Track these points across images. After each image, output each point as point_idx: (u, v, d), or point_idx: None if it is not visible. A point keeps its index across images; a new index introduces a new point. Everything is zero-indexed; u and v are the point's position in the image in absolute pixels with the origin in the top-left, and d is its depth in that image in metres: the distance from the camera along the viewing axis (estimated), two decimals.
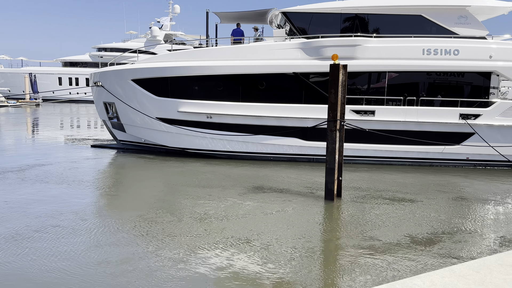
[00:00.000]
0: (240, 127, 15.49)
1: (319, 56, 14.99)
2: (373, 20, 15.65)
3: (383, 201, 10.42)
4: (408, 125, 14.75)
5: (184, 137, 16.09)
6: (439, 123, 14.64)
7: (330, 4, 15.84)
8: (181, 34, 57.13)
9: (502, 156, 13.94)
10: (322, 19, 15.78)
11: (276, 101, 15.27)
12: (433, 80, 15.25)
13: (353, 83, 15.28)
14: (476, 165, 15.00)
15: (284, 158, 15.66)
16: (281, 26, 17.13)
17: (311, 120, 14.61)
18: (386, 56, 14.92)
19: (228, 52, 15.79)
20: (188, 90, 15.74)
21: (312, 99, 15.07)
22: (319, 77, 15.12)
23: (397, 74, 15.16)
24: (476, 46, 14.78)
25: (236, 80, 15.47)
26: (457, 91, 15.22)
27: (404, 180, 12.91)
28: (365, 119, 14.76)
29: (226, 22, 18.79)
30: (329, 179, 10.33)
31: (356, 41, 14.90)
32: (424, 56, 14.84)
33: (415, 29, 15.25)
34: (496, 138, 14.45)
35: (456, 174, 13.87)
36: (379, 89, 15.32)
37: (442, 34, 15.13)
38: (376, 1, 15.80)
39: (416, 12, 15.32)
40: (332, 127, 10.14)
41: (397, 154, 15.14)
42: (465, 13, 15.20)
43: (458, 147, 14.77)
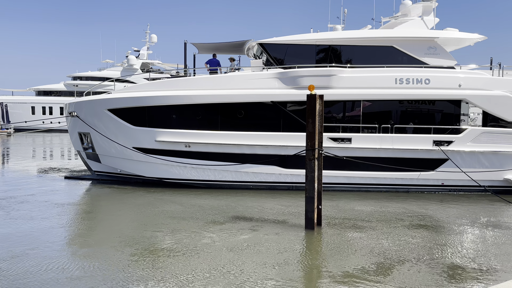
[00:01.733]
0: (219, 156, 15.42)
1: (296, 85, 15.28)
2: (346, 51, 16.16)
3: (363, 229, 10.44)
4: (384, 152, 15.04)
5: (161, 167, 15.86)
6: (413, 149, 14.99)
7: (305, 36, 16.31)
8: (158, 63, 57.35)
9: (474, 181, 14.32)
10: (297, 50, 16.18)
11: (255, 129, 15.35)
12: (406, 108, 15.71)
13: (330, 112, 15.56)
14: (451, 190, 15.33)
15: (263, 186, 15.60)
16: (258, 56, 17.46)
17: (290, 148, 14.71)
18: (360, 86, 15.34)
19: (206, 81, 15.90)
20: (166, 119, 15.66)
21: (290, 127, 15.22)
22: (296, 105, 15.34)
23: (371, 102, 15.56)
24: (445, 75, 15.41)
25: (215, 109, 15.52)
26: (430, 118, 15.71)
27: (382, 207, 13.01)
28: (342, 147, 14.97)
29: (204, 52, 19.00)
30: (309, 208, 10.31)
31: (331, 71, 15.29)
32: (397, 85, 15.34)
33: (387, 59, 15.82)
34: (469, 163, 14.88)
35: (432, 200, 14.11)
36: (355, 117, 15.65)
37: (413, 64, 15.73)
38: (349, 33, 16.39)
39: (388, 43, 15.93)
40: (310, 156, 10.22)
41: (374, 180, 15.34)
42: (434, 44, 15.91)
43: (433, 173, 15.10)
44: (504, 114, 15.09)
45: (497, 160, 14.93)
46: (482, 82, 15.34)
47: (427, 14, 17.11)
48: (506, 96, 15.06)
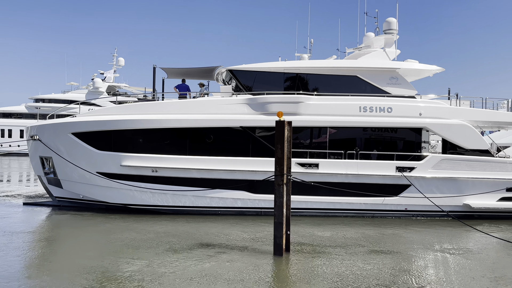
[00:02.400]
0: (187, 181, 15.23)
1: (264, 111, 15.51)
2: (313, 79, 16.66)
3: (332, 255, 10.50)
4: (350, 178, 15.36)
5: (126, 193, 15.45)
6: (377, 175, 15.41)
7: (273, 64, 16.71)
8: (125, 86, 56.67)
9: (436, 206, 14.84)
10: (266, 77, 16.52)
11: (224, 154, 15.34)
12: (370, 135, 16.24)
13: (297, 137, 15.83)
14: (414, 215, 15.78)
15: (232, 212, 15.47)
16: (228, 82, 17.67)
17: (259, 173, 14.76)
18: (327, 113, 15.77)
19: (175, 106, 15.87)
20: (133, 144, 15.39)
21: (259, 153, 15.33)
22: (265, 131, 15.52)
23: (337, 129, 15.99)
24: (407, 104, 16.13)
25: (184, 133, 15.44)
26: (393, 145, 16.29)
27: (348, 233, 13.18)
28: (309, 172, 15.18)
29: (173, 77, 19.03)
30: (277, 233, 10.30)
31: (299, 98, 15.67)
32: (361, 113, 15.88)
33: (352, 88, 16.41)
34: (430, 189, 15.42)
35: (396, 225, 14.44)
36: (322, 143, 16.00)
37: (376, 93, 16.40)
38: (316, 63, 16.97)
39: (352, 73, 16.57)
40: (279, 181, 10.30)
41: (341, 206, 15.57)
42: (395, 75, 16.70)
43: (396, 199, 15.52)
44: (461, 142, 15.88)
45: (456, 186, 15.57)
46: (441, 111, 16.15)
47: (389, 46, 18.01)
48: (463, 125, 15.90)
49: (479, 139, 15.95)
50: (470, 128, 15.90)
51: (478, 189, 15.52)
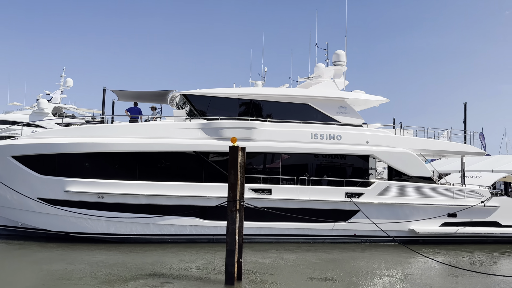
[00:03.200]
0: (135, 207, 14.67)
1: (218, 136, 15.47)
2: (267, 106, 16.95)
3: (284, 283, 10.43)
4: (302, 203, 15.55)
5: (70, 220, 14.59)
6: (328, 201, 15.73)
7: (228, 89, 16.85)
8: (73, 108, 54.44)
9: (383, 232, 15.31)
10: (220, 103, 16.58)
11: (175, 179, 15.01)
12: (321, 161, 16.65)
13: (251, 163, 15.88)
14: (363, 240, 16.17)
15: (183, 240, 15.02)
16: (181, 106, 17.52)
17: (212, 199, 14.55)
18: (279, 139, 16.02)
19: (126, 129, 15.41)
20: (78, 168, 14.66)
21: (212, 178, 15.16)
22: (218, 156, 15.44)
23: (289, 155, 16.25)
24: (355, 132, 16.79)
25: (133, 157, 14.96)
26: (342, 171, 16.78)
27: (300, 259, 13.20)
28: (263, 198, 15.20)
29: (124, 100, 18.57)
30: (229, 261, 10.09)
31: (252, 124, 15.83)
32: (312, 140, 16.30)
33: (304, 115, 16.86)
34: (377, 215, 15.94)
35: (346, 251, 14.70)
36: (275, 168, 16.15)
37: (327, 121, 16.95)
38: (270, 90, 17.32)
39: (304, 101, 17.08)
40: (232, 207, 10.18)
41: (293, 231, 15.64)
42: (344, 104, 17.40)
43: (346, 224, 15.87)
44: (406, 169, 16.68)
45: (402, 211, 16.23)
46: (387, 140, 16.95)
47: (338, 77, 18.81)
48: (407, 153, 16.75)
49: (422, 167, 16.84)
50: (414, 156, 16.77)
51: (422, 215, 16.26)
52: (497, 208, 16.81)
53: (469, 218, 16.59)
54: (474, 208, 16.49)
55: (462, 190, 16.90)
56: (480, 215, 16.70)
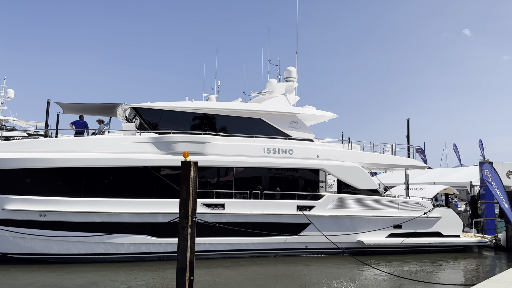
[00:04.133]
0: (80, 226, 13.94)
1: (170, 150, 15.18)
2: (220, 120, 16.92)
3: None
4: (255, 217, 15.55)
5: (8, 240, 13.58)
6: (280, 214, 15.86)
7: (180, 103, 16.65)
8: (14, 120, 51.27)
9: (333, 244, 15.63)
10: (173, 116, 16.33)
11: (124, 195, 14.47)
12: (273, 175, 16.81)
13: (204, 177, 15.70)
14: (314, 253, 16.41)
15: (131, 258, 14.44)
16: (131, 120, 17.05)
17: (162, 215, 14.16)
18: (233, 153, 16.01)
19: (71, 143, 14.70)
20: (18, 185, 13.75)
21: (163, 193, 14.78)
22: (170, 171, 15.12)
23: (242, 169, 16.26)
24: (306, 147, 17.16)
25: (79, 173, 14.28)
26: (294, 185, 17.03)
27: (253, 274, 13.15)
28: (216, 213, 15.03)
29: (69, 112, 17.76)
30: (180, 280, 9.80)
31: (205, 139, 15.71)
32: (265, 154, 16.45)
33: (257, 130, 17.02)
34: (328, 227, 16.27)
35: (298, 263, 14.84)
36: (228, 183, 16.07)
37: (279, 135, 17.21)
38: (223, 104, 17.32)
39: (256, 115, 17.25)
40: (183, 223, 9.96)
41: (245, 246, 15.57)
42: (296, 119, 17.78)
43: (297, 237, 16.05)
44: (354, 182, 17.24)
45: (351, 223, 16.70)
46: (336, 154, 17.48)
47: (290, 93, 19.25)
48: (355, 166, 17.35)
49: (369, 180, 17.49)
50: (361, 169, 17.40)
51: (369, 226, 16.82)
52: (438, 219, 17.77)
53: (413, 229, 17.38)
54: (418, 219, 17.32)
55: (407, 202, 17.72)
56: (423, 225, 17.56)
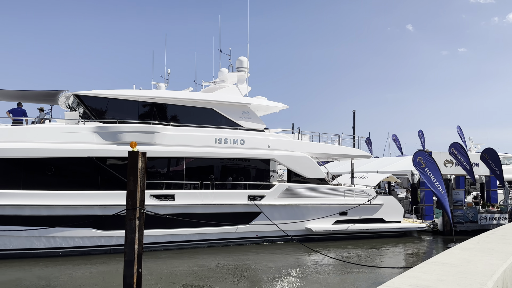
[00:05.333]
0: (20, 220, 13.17)
1: (116, 141, 14.67)
2: (170, 110, 16.59)
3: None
4: (206, 208, 15.50)
5: None
6: (232, 204, 15.94)
7: (128, 91, 16.10)
8: None
9: (283, 232, 16.01)
10: (119, 105, 15.77)
11: (68, 187, 13.85)
12: (225, 165, 16.83)
13: (153, 168, 15.36)
14: (264, 241, 16.70)
15: (76, 252, 13.87)
16: (74, 108, 16.26)
17: (109, 208, 13.71)
18: (183, 143, 15.79)
19: (8, 132, 13.77)
20: None
21: (110, 185, 14.30)
22: (116, 161, 14.64)
23: (193, 160, 16.11)
24: (257, 137, 17.31)
25: (17, 164, 13.44)
26: (245, 175, 17.16)
27: (204, 264, 13.15)
28: (165, 204, 14.80)
29: (6, 100, 16.57)
30: (127, 272, 9.58)
31: (155, 128, 15.34)
32: (216, 145, 16.39)
33: (208, 120, 16.89)
34: (278, 216, 16.60)
35: (249, 252, 15.04)
36: (178, 174, 15.85)
37: (230, 126, 17.20)
38: (173, 93, 16.97)
39: (208, 105, 17.09)
40: (131, 215, 9.71)
41: (197, 237, 15.51)
42: (247, 110, 17.84)
43: (248, 226, 16.23)
44: (303, 171, 17.68)
45: (299, 211, 17.15)
46: (286, 144, 17.80)
47: (241, 83, 19.24)
48: (304, 156, 17.77)
49: (317, 169, 18.01)
50: (310, 159, 17.86)
51: (317, 214, 17.37)
52: (381, 205, 18.71)
53: (358, 215, 18.18)
54: (362, 206, 18.13)
55: (352, 190, 18.47)
56: (367, 212, 18.41)
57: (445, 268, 4.74)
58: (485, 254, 5.75)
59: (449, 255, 5.67)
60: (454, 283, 4.04)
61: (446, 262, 5.11)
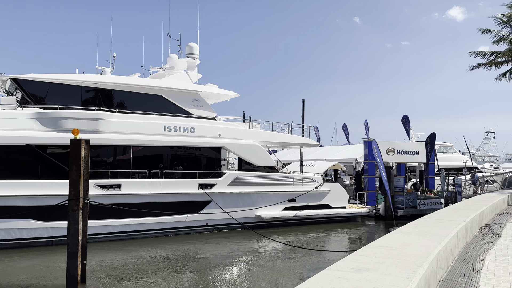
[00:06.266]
0: None
1: (58, 127, 13.93)
2: (116, 96, 15.96)
3: (134, 282, 10.06)
4: (154, 197, 15.20)
5: None
6: (181, 193, 15.74)
7: (71, 76, 15.27)
8: None
9: (234, 219, 16.09)
10: (61, 90, 14.93)
11: (5, 177, 12.97)
12: (175, 153, 16.54)
13: (98, 157, 14.77)
14: (214, 229, 16.71)
15: (16, 245, 13.09)
16: (11, 93, 15.18)
17: (50, 198, 13.02)
18: (130, 131, 15.29)
19: None
20: None
21: (51, 174, 13.57)
22: (58, 150, 13.90)
23: (141, 148, 15.67)
24: (208, 125, 17.15)
25: None
26: (196, 163, 16.99)
27: (153, 253, 12.94)
28: (111, 193, 14.31)
29: None
30: (71, 264, 9.23)
31: (99, 115, 14.71)
32: (166, 132, 16.04)
33: (157, 107, 16.45)
34: (228, 204, 16.65)
35: (198, 241, 14.99)
36: (125, 162, 15.36)
37: (180, 113, 16.89)
38: (120, 79, 16.32)
39: (156, 92, 16.63)
40: (74, 206, 9.31)
41: (144, 227, 15.18)
42: (198, 97, 17.59)
43: (198, 215, 16.15)
44: (254, 159, 17.81)
45: (250, 199, 17.31)
46: (237, 133, 17.80)
47: (192, 69, 18.90)
48: (255, 145, 17.89)
49: (267, 157, 18.22)
50: (260, 147, 18.03)
51: (267, 201, 17.64)
52: (328, 192, 19.35)
53: (306, 202, 18.69)
54: (310, 193, 18.65)
55: (300, 177, 18.92)
56: (314, 199, 18.97)
57: (385, 251, 5.01)
58: (422, 237, 6.14)
59: (389, 238, 5.99)
60: (393, 265, 4.28)
61: (386, 245, 5.40)
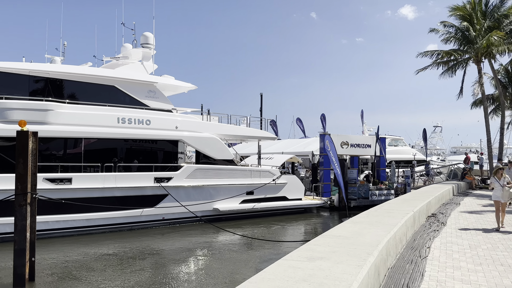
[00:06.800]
0: None
1: (3, 119, 13.19)
2: (67, 86, 15.26)
3: (84, 279, 9.75)
4: (107, 191, 14.74)
5: None
6: (136, 187, 15.38)
7: (17, 64, 14.41)
8: None
9: (191, 213, 15.96)
10: (6, 79, 14.07)
11: None
12: (130, 146, 16.09)
13: (47, 150, 14.10)
14: (171, 223, 16.50)
15: None
16: None
17: None
18: (82, 123, 14.71)
19: None
20: None
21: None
22: (3, 142, 13.11)
23: (94, 140, 15.12)
24: (164, 117, 16.82)
25: None
26: (152, 157, 16.63)
27: (106, 249, 12.59)
28: (61, 188, 13.73)
29: None
30: (18, 262, 8.80)
31: (48, 106, 14.03)
32: (120, 125, 15.56)
33: (110, 98, 15.90)
34: (186, 197, 16.49)
35: (154, 235, 14.75)
36: (76, 155, 14.76)
37: (135, 105, 16.43)
38: (70, 68, 15.60)
39: (110, 83, 16.06)
40: (21, 201, 8.86)
41: (97, 222, 14.70)
42: (153, 89, 17.18)
43: (154, 209, 15.86)
44: (211, 152, 17.72)
45: (208, 192, 17.23)
46: (195, 125, 17.61)
47: (147, 60, 18.41)
48: (213, 137, 17.79)
49: (225, 150, 18.19)
50: (218, 140, 17.96)
51: (225, 194, 17.64)
52: (285, 184, 19.66)
53: (263, 194, 18.89)
54: (268, 186, 18.86)
55: (258, 170, 19.08)
56: (272, 191, 19.22)
57: (338, 240, 5.19)
58: (373, 226, 6.42)
59: (342, 228, 6.21)
60: (345, 253, 4.45)
61: (339, 235, 5.60)
